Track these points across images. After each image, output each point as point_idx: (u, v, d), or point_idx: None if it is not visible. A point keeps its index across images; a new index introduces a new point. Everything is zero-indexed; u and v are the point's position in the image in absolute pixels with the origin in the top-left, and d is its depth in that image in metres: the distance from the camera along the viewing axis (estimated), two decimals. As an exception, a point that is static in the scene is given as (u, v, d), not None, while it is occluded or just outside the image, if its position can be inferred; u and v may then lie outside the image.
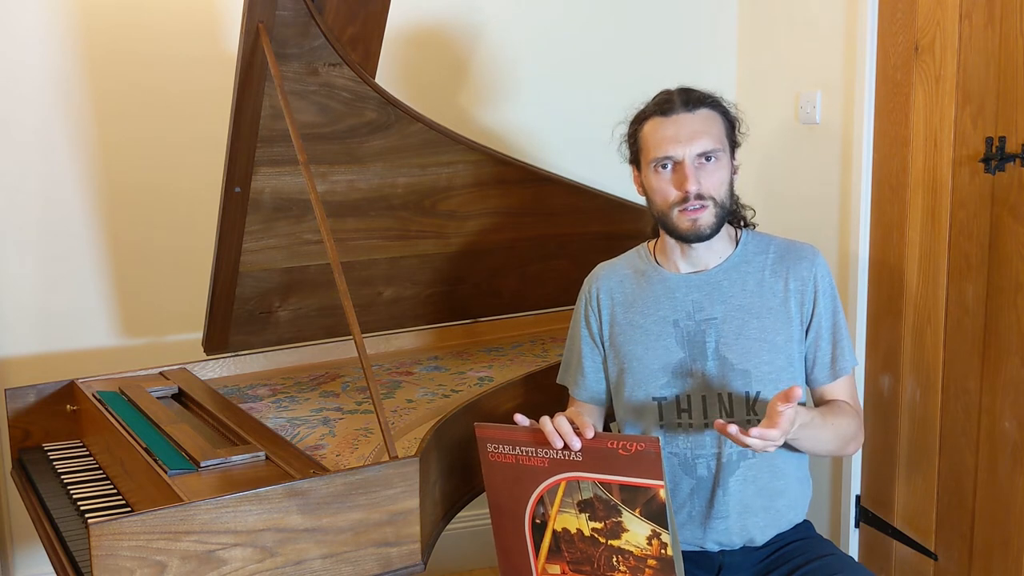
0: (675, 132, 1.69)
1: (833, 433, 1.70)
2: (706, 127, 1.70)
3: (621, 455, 1.48)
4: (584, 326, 1.88)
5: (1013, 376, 2.08)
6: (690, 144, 1.69)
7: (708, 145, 1.69)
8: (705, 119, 1.71)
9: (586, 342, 1.87)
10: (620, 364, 1.81)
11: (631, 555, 1.51)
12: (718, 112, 1.74)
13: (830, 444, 1.72)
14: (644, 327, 1.79)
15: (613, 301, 1.84)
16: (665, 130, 1.70)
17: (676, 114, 1.70)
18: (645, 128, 1.74)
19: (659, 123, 1.71)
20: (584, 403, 1.89)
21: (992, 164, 2.09)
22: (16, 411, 2.18)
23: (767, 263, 1.78)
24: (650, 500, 1.47)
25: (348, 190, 2.25)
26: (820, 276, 1.77)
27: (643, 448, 1.46)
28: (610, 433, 1.59)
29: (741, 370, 1.73)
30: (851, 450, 1.80)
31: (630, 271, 1.86)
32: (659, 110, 1.72)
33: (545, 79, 2.92)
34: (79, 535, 1.70)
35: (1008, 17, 2.04)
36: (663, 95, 1.75)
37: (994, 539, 2.16)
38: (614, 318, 1.83)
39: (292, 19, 1.96)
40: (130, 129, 2.60)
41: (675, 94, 1.73)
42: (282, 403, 2.17)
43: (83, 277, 2.63)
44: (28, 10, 2.48)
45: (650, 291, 1.81)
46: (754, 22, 3.01)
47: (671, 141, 1.69)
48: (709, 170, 1.70)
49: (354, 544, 1.61)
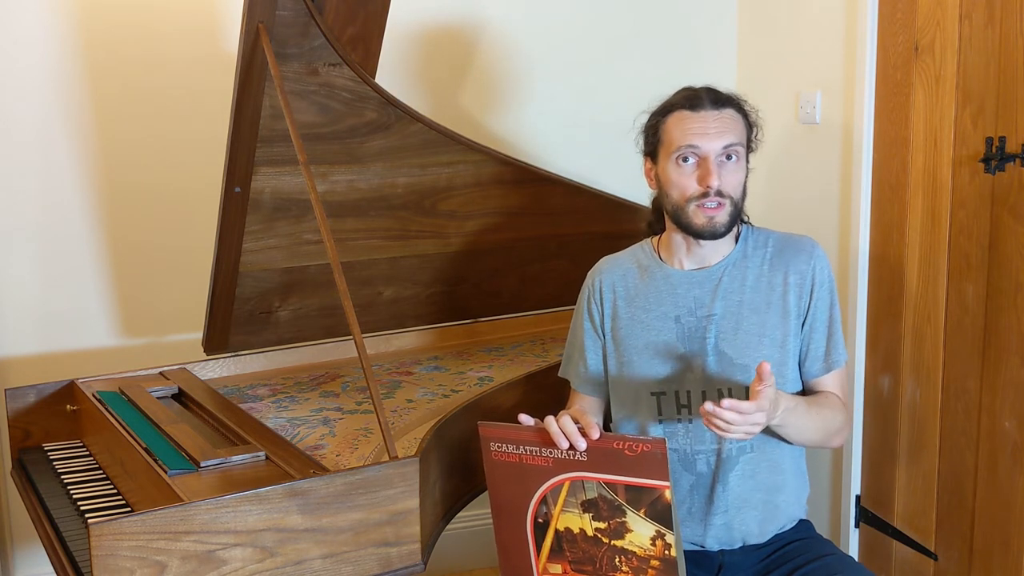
0: (703, 126, 1.70)
1: (818, 423, 1.72)
2: (731, 125, 1.72)
3: (627, 455, 1.47)
4: (587, 318, 1.88)
5: (1013, 376, 2.08)
6: (718, 139, 1.70)
7: (733, 139, 1.71)
8: (731, 118, 1.73)
9: (588, 334, 1.88)
10: (620, 358, 1.82)
11: (634, 555, 1.51)
12: (741, 115, 1.76)
13: (815, 434, 1.73)
14: (646, 322, 1.80)
15: (616, 295, 1.85)
16: (692, 123, 1.71)
17: (704, 110, 1.71)
18: (669, 120, 1.74)
19: (686, 116, 1.72)
20: (585, 396, 1.89)
21: (992, 164, 2.09)
22: (16, 411, 2.18)
23: (766, 257, 1.79)
24: (655, 500, 1.47)
25: (348, 190, 2.25)
26: (819, 269, 1.78)
27: (649, 449, 1.46)
28: (616, 434, 1.59)
29: (740, 365, 1.74)
30: (835, 443, 1.80)
31: (633, 265, 1.87)
32: (687, 104, 1.73)
33: (545, 79, 2.92)
34: (79, 535, 1.70)
35: (1008, 17, 2.04)
36: (690, 91, 1.76)
37: (994, 539, 2.16)
38: (616, 311, 1.84)
39: (292, 19, 1.96)
40: (130, 129, 2.60)
41: (703, 91, 1.74)
42: (282, 403, 2.17)
43: (83, 277, 2.63)
44: (28, 10, 2.48)
45: (652, 286, 1.82)
46: (754, 22, 3.01)
47: (698, 134, 1.70)
48: (730, 169, 1.71)
49: (354, 544, 1.61)
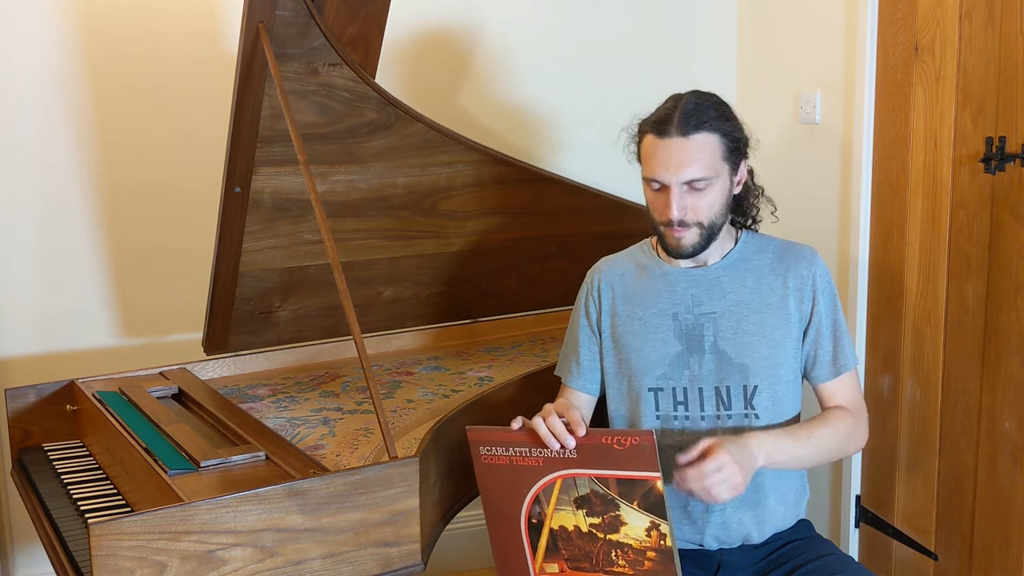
0: (666, 156, 1.68)
1: (817, 447, 1.70)
2: (699, 154, 1.68)
3: (616, 450, 1.48)
4: (584, 315, 1.89)
5: (1013, 376, 2.08)
6: (677, 172, 1.68)
7: (696, 174, 1.68)
8: (699, 146, 1.67)
9: (584, 331, 1.89)
10: (618, 355, 1.83)
11: (630, 548, 1.51)
12: (718, 134, 1.70)
13: (820, 457, 1.73)
14: (644, 319, 1.81)
15: (614, 293, 1.86)
16: (658, 152, 1.69)
17: (670, 137, 1.68)
18: (643, 143, 1.74)
19: (653, 143, 1.70)
20: (576, 392, 1.89)
21: (992, 164, 2.09)
22: (16, 411, 2.18)
23: (766, 261, 1.80)
24: (648, 492, 1.48)
25: (348, 190, 2.25)
26: (819, 275, 1.78)
27: (638, 442, 1.47)
28: (604, 429, 1.59)
29: (739, 364, 1.74)
30: (852, 451, 1.81)
31: (632, 264, 1.87)
32: (655, 129, 1.70)
33: (545, 79, 2.92)
34: (79, 535, 1.70)
35: (1008, 17, 2.04)
36: (665, 110, 1.72)
37: (994, 539, 2.16)
38: (615, 309, 1.84)
39: (292, 19, 1.96)
40: (130, 129, 2.60)
41: (675, 113, 1.68)
42: (282, 403, 2.17)
43: (83, 277, 2.62)
44: (28, 10, 2.48)
45: (651, 284, 1.82)
46: (754, 22, 3.01)
47: (660, 166, 1.69)
48: (696, 196, 1.70)
49: (354, 544, 1.61)
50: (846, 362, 1.78)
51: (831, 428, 1.73)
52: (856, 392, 1.81)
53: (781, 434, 1.69)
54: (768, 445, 1.63)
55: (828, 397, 1.80)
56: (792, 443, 1.68)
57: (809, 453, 1.70)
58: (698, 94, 1.73)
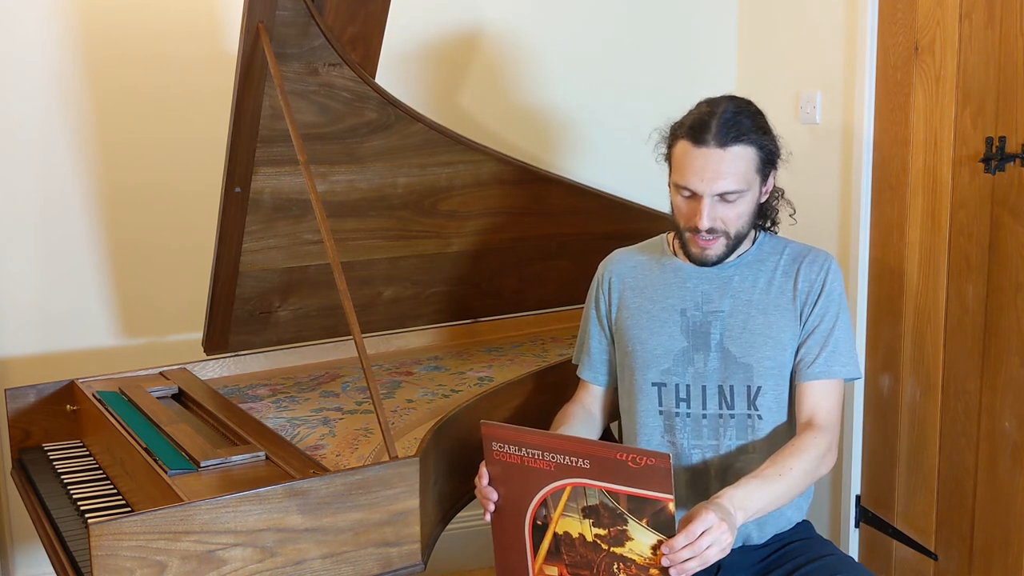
0: (701, 167, 1.65)
1: (788, 484, 1.62)
2: (734, 167, 1.65)
3: (630, 467, 1.46)
4: (594, 307, 1.91)
5: (1013, 376, 2.08)
6: (712, 184, 1.66)
7: (729, 187, 1.66)
8: (735, 158, 1.65)
9: (594, 323, 1.90)
10: (625, 347, 1.83)
11: (633, 563, 1.50)
12: (755, 147, 1.68)
13: (793, 491, 1.64)
14: (651, 312, 1.81)
15: (624, 285, 1.86)
16: (692, 161, 1.66)
17: (707, 147, 1.64)
18: (676, 147, 1.71)
19: (687, 150, 1.67)
20: (590, 384, 1.91)
21: (992, 164, 2.09)
22: (16, 411, 2.18)
23: (780, 263, 1.79)
24: (658, 512, 1.46)
25: (348, 190, 2.25)
26: (830, 280, 1.75)
27: (653, 463, 1.44)
28: (619, 444, 1.58)
29: (743, 364, 1.74)
30: (821, 474, 1.71)
31: (645, 257, 1.88)
32: (691, 135, 1.67)
33: (545, 79, 2.92)
34: (79, 535, 1.70)
35: (1008, 17, 2.04)
36: (701, 116, 1.68)
37: (994, 539, 2.16)
38: (623, 302, 1.85)
39: (292, 19, 1.96)
40: (130, 129, 2.60)
41: (713, 121, 1.65)
42: (282, 403, 2.17)
43: (83, 277, 2.62)
44: (28, 10, 2.48)
45: (662, 278, 1.83)
46: (754, 22, 3.01)
47: (694, 175, 1.66)
48: (727, 207, 1.68)
49: (354, 544, 1.61)
50: (829, 369, 1.72)
51: (799, 459, 1.64)
52: (832, 405, 1.73)
53: (750, 481, 1.59)
54: (738, 499, 1.54)
55: (800, 399, 1.74)
56: (762, 486, 1.59)
57: (783, 490, 1.62)
58: (735, 101, 1.71)
